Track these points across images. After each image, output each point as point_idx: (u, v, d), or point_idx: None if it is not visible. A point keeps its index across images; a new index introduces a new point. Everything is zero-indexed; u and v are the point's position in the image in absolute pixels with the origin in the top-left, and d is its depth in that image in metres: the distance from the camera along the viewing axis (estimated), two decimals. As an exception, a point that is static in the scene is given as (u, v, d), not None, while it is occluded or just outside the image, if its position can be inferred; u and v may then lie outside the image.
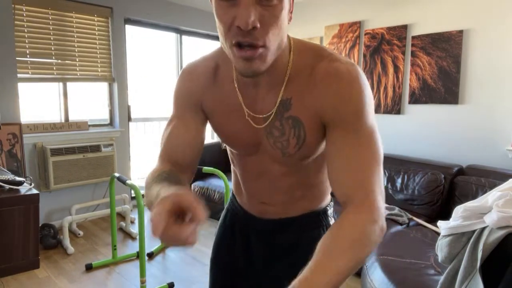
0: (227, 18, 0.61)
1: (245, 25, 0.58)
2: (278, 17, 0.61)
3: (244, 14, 0.58)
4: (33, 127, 3.14)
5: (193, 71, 0.82)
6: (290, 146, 0.75)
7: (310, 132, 0.73)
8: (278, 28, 0.62)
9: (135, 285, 2.39)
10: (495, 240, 1.29)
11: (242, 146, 0.83)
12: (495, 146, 2.78)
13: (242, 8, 0.58)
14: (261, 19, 0.60)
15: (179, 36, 4.27)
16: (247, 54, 0.61)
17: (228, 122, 0.80)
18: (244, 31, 0.59)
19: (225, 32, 0.62)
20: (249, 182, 0.90)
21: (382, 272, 1.81)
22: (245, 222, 0.96)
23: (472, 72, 2.86)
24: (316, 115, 0.72)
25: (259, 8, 0.59)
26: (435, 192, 2.68)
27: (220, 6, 0.61)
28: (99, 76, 3.56)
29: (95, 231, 3.30)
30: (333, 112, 0.69)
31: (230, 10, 0.60)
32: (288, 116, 0.74)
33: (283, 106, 0.74)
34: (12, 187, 2.44)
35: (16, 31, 2.96)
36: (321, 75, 0.70)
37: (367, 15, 3.45)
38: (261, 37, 0.61)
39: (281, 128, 0.75)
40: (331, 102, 0.69)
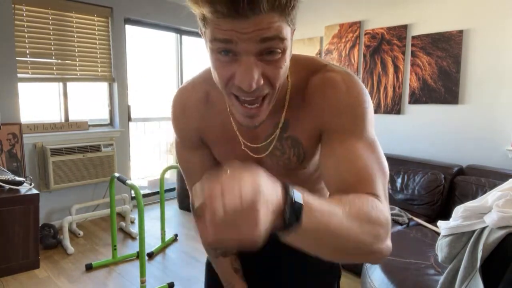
0: (225, 73, 0.56)
1: (249, 88, 0.53)
2: (282, 68, 0.56)
3: (246, 75, 0.53)
4: (33, 127, 3.14)
5: (184, 107, 0.78)
6: (292, 163, 0.75)
7: (307, 145, 0.72)
8: (282, 77, 0.58)
9: (135, 285, 2.39)
10: (495, 240, 1.29)
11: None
12: (495, 146, 2.78)
13: (243, 68, 0.53)
14: (265, 74, 0.55)
15: (179, 36, 4.27)
16: (251, 112, 0.58)
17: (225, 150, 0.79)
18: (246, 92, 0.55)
19: (223, 84, 0.58)
20: None
21: (382, 272, 1.81)
22: None
23: (472, 72, 2.86)
24: (313, 129, 0.69)
25: (261, 64, 0.54)
26: (435, 192, 2.68)
27: (218, 59, 0.56)
28: (99, 76, 3.56)
29: (95, 231, 3.30)
30: (330, 121, 0.65)
31: (230, 65, 0.55)
32: (287, 136, 0.72)
33: (282, 128, 0.72)
34: (12, 187, 2.44)
35: (16, 31, 2.96)
36: (315, 88, 0.67)
37: (367, 15, 3.45)
38: (265, 89, 0.57)
39: (281, 148, 0.73)
40: (328, 111, 0.65)
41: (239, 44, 0.52)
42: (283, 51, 0.55)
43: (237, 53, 0.53)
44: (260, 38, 0.51)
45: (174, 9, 4.01)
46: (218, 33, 0.52)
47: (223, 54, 0.54)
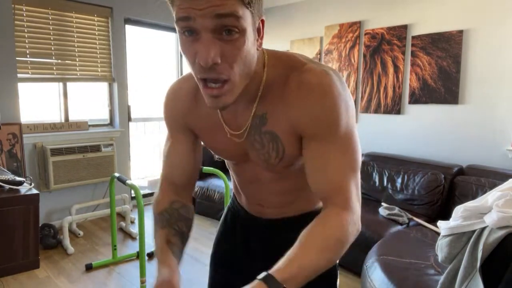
0: (190, 53, 0.60)
1: (205, 62, 0.57)
2: (241, 49, 0.59)
3: (203, 51, 0.57)
4: (33, 127, 3.14)
5: (175, 94, 0.84)
6: (271, 158, 0.76)
7: (288, 144, 0.74)
8: (242, 60, 0.61)
9: (135, 285, 2.39)
10: (495, 240, 1.29)
11: (232, 157, 0.87)
12: (495, 146, 2.78)
13: (201, 45, 0.57)
14: (223, 54, 0.58)
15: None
16: (214, 92, 0.62)
17: (214, 139, 0.83)
18: (205, 68, 0.58)
19: (191, 66, 0.62)
20: (245, 186, 0.94)
21: (382, 272, 1.81)
22: (246, 221, 0.98)
23: (472, 72, 2.86)
24: (291, 128, 0.71)
25: (219, 43, 0.58)
26: (435, 192, 2.68)
27: (183, 41, 0.61)
28: (99, 76, 3.56)
29: (95, 231, 3.30)
30: (306, 125, 0.69)
31: (192, 45, 0.59)
32: (265, 130, 0.74)
33: (259, 121, 0.74)
34: (12, 187, 2.44)
35: (16, 31, 2.96)
36: (292, 87, 0.69)
37: (367, 15, 3.45)
38: (224, 71, 0.60)
39: (261, 141, 0.76)
40: (304, 116, 0.68)
41: (196, 20, 0.56)
42: (241, 31, 0.58)
43: (197, 31, 0.57)
44: (215, 14, 0.55)
45: (174, 9, 4.01)
46: (179, 12, 0.57)
47: (187, 34, 0.59)
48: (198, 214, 3.79)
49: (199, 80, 0.63)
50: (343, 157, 0.69)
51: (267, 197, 0.90)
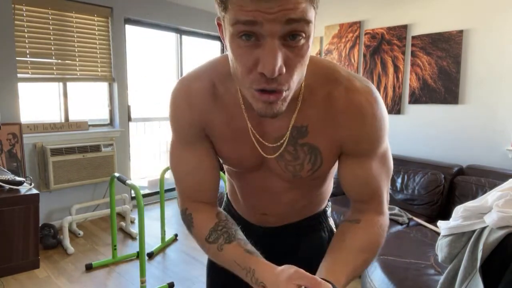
0: (248, 60, 0.53)
1: (272, 73, 0.51)
2: (304, 57, 0.55)
3: (270, 60, 0.50)
4: (33, 127, 3.14)
5: (188, 96, 0.72)
6: (303, 170, 0.73)
7: (327, 159, 0.72)
8: (302, 67, 0.56)
9: (135, 285, 2.39)
10: (495, 240, 1.29)
11: (246, 167, 0.79)
12: (495, 146, 2.78)
13: (268, 52, 0.51)
14: (287, 62, 0.53)
15: (179, 36, 4.27)
16: (270, 98, 0.55)
17: (234, 146, 0.75)
18: (268, 78, 0.52)
19: (244, 75, 0.55)
20: (249, 196, 0.87)
21: (382, 272, 1.81)
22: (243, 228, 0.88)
23: (472, 72, 2.86)
24: (335, 144, 0.70)
25: (284, 50, 0.52)
26: (435, 192, 2.68)
27: (239, 45, 0.53)
28: (99, 76, 3.56)
29: (95, 231, 3.30)
30: (352, 144, 0.69)
31: (252, 51, 0.52)
32: (304, 143, 0.70)
33: (297, 132, 0.70)
34: (12, 187, 2.44)
35: (16, 31, 2.96)
36: (341, 106, 0.66)
37: (367, 15, 3.45)
38: (285, 82, 0.54)
39: (294, 153, 0.71)
40: (352, 136, 0.68)
41: (264, 25, 0.49)
42: (307, 36, 0.53)
43: (261, 36, 0.51)
44: (286, 19, 0.49)
45: (174, 9, 4.01)
46: (241, 14, 0.50)
47: (245, 38, 0.52)
48: (198, 214, 3.78)
49: (252, 91, 0.56)
50: (382, 169, 0.72)
51: (275, 206, 0.85)
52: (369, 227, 0.72)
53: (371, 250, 0.70)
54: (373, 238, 0.71)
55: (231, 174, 0.88)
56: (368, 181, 0.72)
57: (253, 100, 0.58)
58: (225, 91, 0.71)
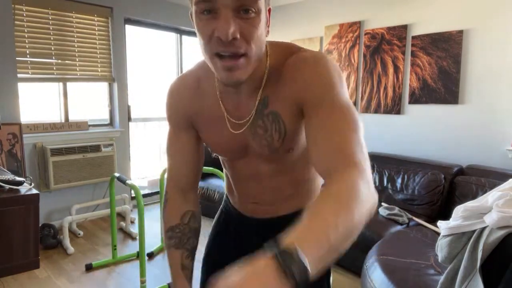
0: (207, 30, 0.63)
1: (226, 36, 0.60)
2: (257, 27, 0.64)
3: (224, 26, 0.60)
4: (33, 127, 3.14)
5: (177, 89, 0.86)
6: (274, 140, 0.78)
7: (288, 121, 0.76)
8: (257, 38, 0.65)
9: (135, 285, 2.39)
10: (495, 240, 1.29)
11: (230, 152, 0.87)
12: (495, 146, 2.78)
13: (222, 21, 0.61)
14: (241, 30, 0.62)
15: (179, 36, 4.27)
16: (229, 64, 0.64)
17: (214, 132, 0.84)
18: (225, 42, 0.61)
19: (205, 43, 0.65)
20: (240, 184, 0.95)
21: (382, 272, 1.81)
22: (238, 222, 1.00)
23: (472, 72, 2.86)
24: (291, 103, 0.74)
25: (238, 21, 0.62)
26: (435, 192, 2.68)
27: (201, 19, 0.64)
28: (99, 76, 3.56)
29: (95, 231, 3.30)
30: (304, 93, 0.71)
31: (210, 22, 0.63)
32: (268, 112, 0.77)
33: (262, 105, 0.77)
34: (12, 187, 2.44)
35: (16, 31, 2.96)
36: (290, 66, 0.74)
37: (367, 15, 3.45)
38: (242, 46, 0.63)
39: (264, 125, 0.78)
40: (301, 84, 0.72)
41: (218, 1, 0.61)
42: (257, 12, 0.63)
43: (217, 9, 0.61)
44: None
45: (174, 9, 4.01)
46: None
47: (205, 13, 0.63)
48: (198, 214, 3.79)
49: (215, 56, 0.65)
50: (343, 117, 0.65)
51: (263, 193, 0.91)
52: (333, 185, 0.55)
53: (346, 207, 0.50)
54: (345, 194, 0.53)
55: (224, 164, 0.96)
56: (328, 135, 0.63)
57: (216, 69, 0.66)
58: (208, 83, 0.82)
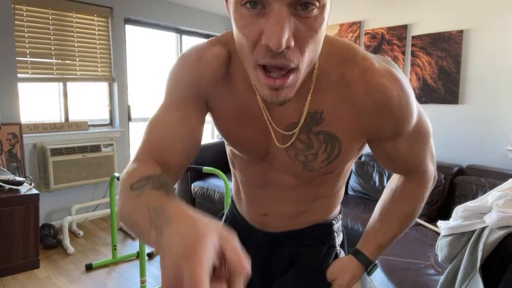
0: (252, 32, 0.48)
1: (278, 46, 0.45)
2: (318, 30, 0.48)
3: (275, 31, 0.44)
4: (33, 127, 3.14)
5: (200, 58, 0.64)
6: (317, 160, 0.66)
7: (346, 148, 0.65)
8: (316, 43, 0.50)
9: (135, 285, 2.39)
10: (495, 240, 1.29)
11: (253, 152, 0.72)
12: (495, 146, 2.78)
13: (273, 21, 0.45)
14: (296, 35, 0.47)
15: (179, 36, 4.26)
16: (276, 84, 0.50)
17: (242, 126, 0.68)
18: (273, 52, 0.46)
19: (248, 50, 0.50)
20: (251, 191, 0.80)
21: (382, 272, 1.81)
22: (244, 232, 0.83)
23: (472, 72, 2.86)
24: (356, 132, 0.63)
25: (294, 20, 0.46)
26: (435, 192, 2.68)
27: (243, 15, 0.48)
28: (99, 76, 3.56)
29: (95, 231, 3.30)
30: (385, 133, 0.64)
31: (257, 21, 0.47)
32: (319, 130, 0.63)
33: (311, 119, 0.63)
34: (12, 187, 2.44)
35: (16, 31, 2.96)
36: (359, 93, 0.59)
37: (367, 15, 3.45)
38: (294, 58, 0.48)
39: (308, 141, 0.65)
40: (383, 126, 0.62)
41: None
42: (321, 7, 0.47)
43: (267, 3, 0.45)
44: None
45: (174, 9, 4.01)
46: None
47: (249, 6, 0.46)
48: (198, 214, 3.78)
49: (257, 67, 0.50)
50: (416, 143, 0.68)
51: (277, 205, 0.78)
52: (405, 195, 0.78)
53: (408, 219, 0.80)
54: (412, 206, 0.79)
55: (235, 165, 0.81)
56: (403, 159, 0.70)
57: (258, 85, 0.53)
58: (240, 65, 0.60)
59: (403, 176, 0.78)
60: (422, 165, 0.73)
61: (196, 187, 3.71)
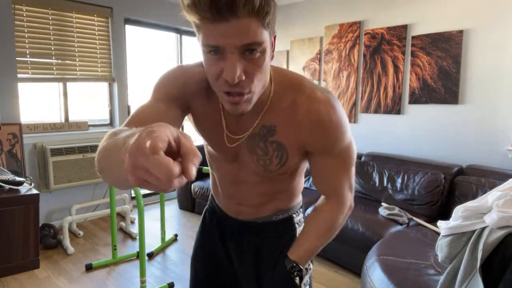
0: (215, 69, 0.66)
1: (232, 80, 0.63)
2: (261, 66, 0.67)
3: (230, 70, 0.63)
4: (33, 127, 3.14)
5: (191, 75, 0.83)
6: (272, 164, 0.85)
7: (292, 155, 0.84)
8: (262, 74, 0.68)
9: (135, 285, 2.39)
10: (495, 240, 1.29)
11: (221, 154, 0.91)
12: (495, 146, 2.78)
13: (229, 64, 0.63)
14: (246, 71, 0.65)
15: (179, 36, 4.27)
16: (235, 100, 0.68)
17: (210, 134, 0.89)
18: (231, 83, 0.64)
19: (213, 80, 0.68)
20: (227, 186, 0.98)
21: (382, 272, 1.81)
22: (222, 220, 1.05)
23: (472, 72, 2.86)
24: (299, 145, 0.82)
25: (243, 61, 0.64)
26: (435, 192, 2.68)
27: (209, 58, 0.66)
28: (99, 76, 3.56)
29: (95, 231, 3.30)
30: (315, 146, 0.82)
31: (218, 62, 0.65)
32: (273, 140, 0.82)
33: (268, 131, 0.82)
34: (12, 187, 2.44)
35: (16, 31, 2.96)
36: (304, 112, 0.78)
37: (367, 15, 3.45)
38: (247, 86, 0.67)
39: (265, 149, 0.83)
40: (314, 140, 0.81)
41: (225, 47, 0.63)
42: (262, 51, 0.66)
43: (223, 52, 0.63)
44: (241, 44, 0.62)
45: (174, 9, 4.01)
46: (208, 39, 0.63)
47: (213, 53, 0.65)
48: (198, 214, 3.79)
49: (221, 92, 0.68)
50: (342, 168, 0.87)
51: (248, 197, 0.96)
52: (321, 215, 0.92)
53: (323, 234, 0.91)
54: (328, 224, 0.91)
55: (212, 166, 1.00)
56: (328, 177, 0.88)
57: (223, 101, 0.71)
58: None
59: (324, 196, 0.94)
60: (340, 189, 0.89)
61: (196, 187, 3.71)
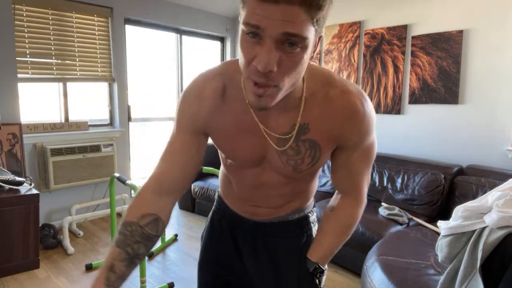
0: (249, 54, 0.63)
1: (263, 68, 0.60)
2: (298, 63, 0.63)
3: (264, 57, 0.59)
4: (33, 127, 3.14)
5: (200, 95, 0.81)
6: (303, 164, 0.82)
7: (324, 152, 0.82)
8: (296, 72, 0.64)
9: (135, 285, 2.39)
10: (495, 240, 1.29)
11: (247, 160, 0.86)
12: (495, 146, 2.78)
13: (264, 50, 0.60)
14: (280, 63, 0.61)
15: (179, 36, 4.27)
16: (258, 92, 0.64)
17: (239, 138, 0.82)
18: (260, 72, 0.61)
19: (245, 65, 0.64)
20: (244, 189, 0.94)
21: (382, 272, 1.81)
22: (234, 221, 1.00)
23: (472, 72, 2.86)
24: (331, 139, 0.80)
25: (280, 53, 0.60)
26: (435, 192, 2.68)
27: (246, 40, 0.63)
28: (99, 76, 3.56)
29: (95, 231, 3.30)
30: (348, 141, 0.81)
31: (254, 47, 0.61)
32: (306, 139, 0.80)
33: (300, 130, 0.79)
34: (12, 187, 2.44)
35: (16, 31, 2.96)
36: (337, 107, 0.77)
37: (367, 15, 3.45)
38: (276, 79, 0.63)
39: (297, 148, 0.80)
40: (348, 130, 0.79)
41: (266, 30, 0.59)
42: (303, 47, 0.61)
43: (263, 37, 0.60)
44: (284, 32, 0.58)
45: (174, 9, 4.01)
46: (251, 18, 0.59)
47: (251, 36, 0.61)
48: (198, 214, 3.79)
49: (249, 79, 0.65)
50: (365, 163, 0.87)
51: (268, 199, 0.93)
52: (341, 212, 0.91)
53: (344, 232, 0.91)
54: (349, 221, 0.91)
55: (229, 170, 0.95)
56: (351, 172, 0.87)
57: (247, 90, 0.67)
58: (234, 90, 0.80)
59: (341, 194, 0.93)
60: (361, 185, 0.89)
61: (196, 187, 3.71)
